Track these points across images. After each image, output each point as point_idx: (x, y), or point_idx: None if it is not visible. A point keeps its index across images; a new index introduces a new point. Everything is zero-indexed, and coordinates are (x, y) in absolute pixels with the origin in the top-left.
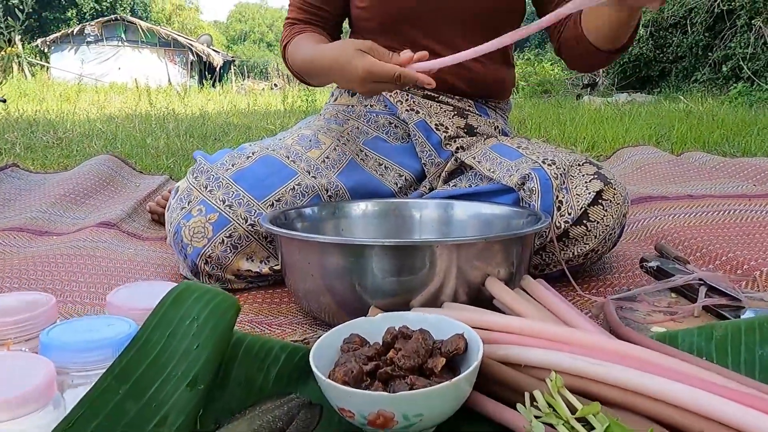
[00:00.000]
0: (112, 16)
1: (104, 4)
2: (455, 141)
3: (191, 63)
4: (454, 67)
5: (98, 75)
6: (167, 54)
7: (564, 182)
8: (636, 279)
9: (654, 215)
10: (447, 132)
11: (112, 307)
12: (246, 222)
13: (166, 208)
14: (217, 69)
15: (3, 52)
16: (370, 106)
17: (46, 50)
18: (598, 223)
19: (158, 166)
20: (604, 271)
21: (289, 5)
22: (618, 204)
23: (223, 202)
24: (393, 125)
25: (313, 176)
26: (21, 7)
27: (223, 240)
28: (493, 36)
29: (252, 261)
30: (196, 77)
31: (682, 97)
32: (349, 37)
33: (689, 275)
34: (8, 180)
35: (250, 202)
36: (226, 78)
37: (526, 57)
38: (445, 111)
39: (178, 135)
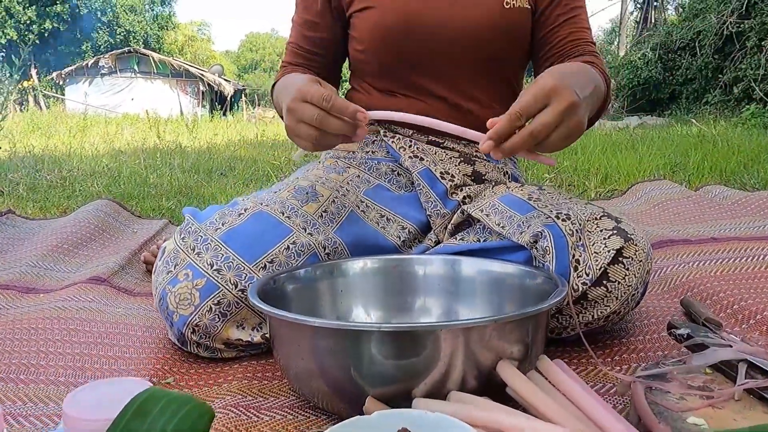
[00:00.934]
0: (126, 49)
1: (118, 37)
2: (462, 190)
3: (202, 93)
4: (457, 112)
5: (112, 106)
6: (179, 84)
7: (580, 239)
8: (663, 343)
9: (677, 262)
10: (453, 180)
11: (68, 419)
12: (236, 287)
13: (153, 270)
14: (228, 98)
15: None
16: (372, 152)
17: (61, 83)
18: (619, 283)
19: (159, 207)
20: (627, 333)
21: (286, 49)
22: (640, 261)
23: (212, 266)
24: (396, 173)
25: (309, 233)
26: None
27: (210, 307)
28: (497, 80)
29: (243, 329)
30: (207, 106)
31: (694, 120)
32: (349, 80)
33: (725, 349)
34: (3, 228)
35: (241, 265)
36: (236, 107)
37: None
38: (450, 157)
39: (184, 171)
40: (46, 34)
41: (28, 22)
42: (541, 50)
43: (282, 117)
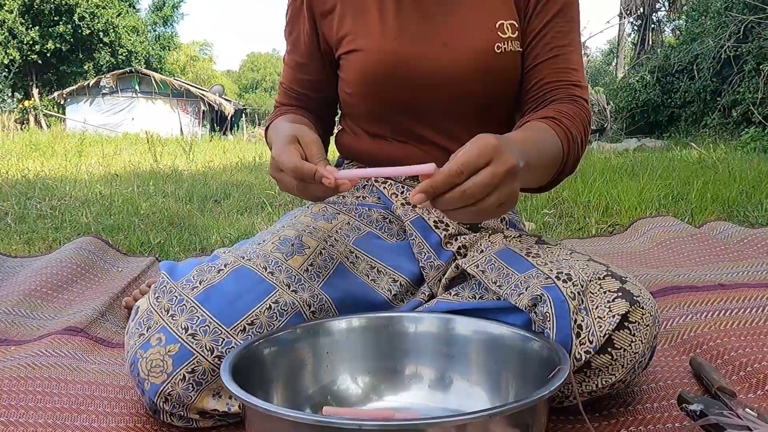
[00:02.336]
0: (127, 69)
1: (120, 57)
2: (457, 239)
3: (203, 112)
4: (449, 156)
5: (112, 125)
6: (180, 104)
7: (582, 302)
8: (673, 413)
9: (684, 312)
10: (447, 230)
11: None
12: (212, 354)
13: (125, 331)
14: (229, 117)
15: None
16: (362, 198)
17: (62, 102)
18: (624, 350)
19: (148, 241)
20: (634, 399)
21: (279, 88)
22: (647, 326)
23: (186, 330)
24: (387, 220)
25: (293, 290)
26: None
27: (184, 376)
28: (492, 125)
29: (219, 398)
30: (208, 126)
31: (693, 144)
32: (340, 123)
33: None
34: None
35: (218, 328)
36: (237, 126)
37: None
38: None
39: (177, 198)
40: (48, 55)
41: (31, 42)
42: (523, 89)
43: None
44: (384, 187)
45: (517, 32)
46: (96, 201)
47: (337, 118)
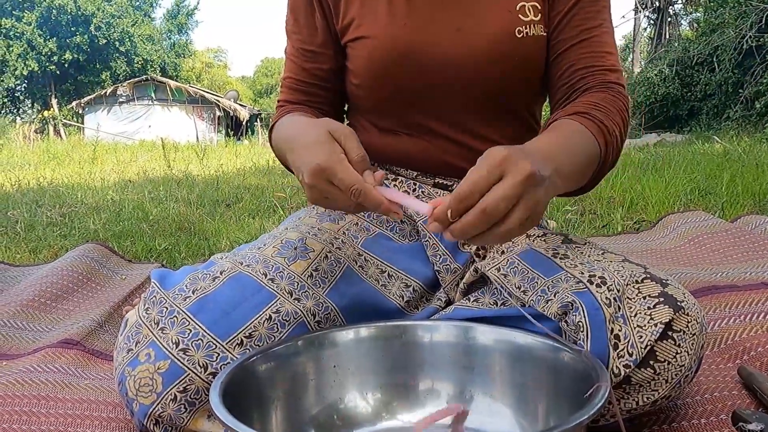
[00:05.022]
0: (143, 77)
1: (136, 66)
2: None
3: (218, 118)
4: (463, 151)
5: (130, 133)
6: (195, 110)
7: (619, 309)
8: (724, 430)
9: (726, 314)
10: None
11: None
12: (205, 371)
13: (115, 346)
14: (244, 123)
15: (40, 115)
16: None
17: (80, 111)
18: (669, 363)
19: (155, 247)
20: (678, 414)
21: (281, 86)
22: (694, 335)
23: (177, 345)
24: (399, 220)
25: (296, 298)
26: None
27: (175, 396)
28: (509, 117)
29: (214, 420)
30: (223, 132)
31: (716, 138)
32: (347, 116)
33: None
34: None
35: (212, 342)
36: (252, 131)
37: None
38: None
39: (188, 203)
40: (66, 65)
41: (49, 53)
42: (553, 77)
43: (285, 165)
44: (395, 185)
45: (540, 15)
46: (106, 207)
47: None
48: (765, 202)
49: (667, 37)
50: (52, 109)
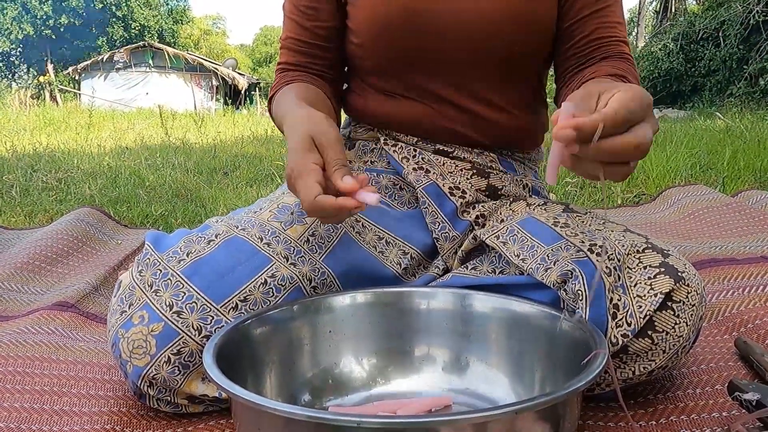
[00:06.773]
0: (140, 43)
1: (133, 31)
2: (474, 208)
3: (216, 87)
4: (467, 117)
5: (127, 100)
6: (193, 78)
7: (619, 278)
8: (719, 400)
9: (725, 287)
10: (464, 197)
11: None
12: (199, 334)
13: (108, 308)
14: (242, 92)
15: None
16: (371, 162)
17: (77, 77)
18: (667, 333)
19: (152, 212)
20: (674, 384)
21: (280, 48)
22: (693, 306)
23: (171, 308)
24: (398, 187)
25: (292, 263)
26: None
27: (169, 358)
28: (515, 81)
29: (209, 383)
30: (221, 100)
31: (719, 114)
32: (348, 80)
33: None
34: None
35: (206, 305)
36: (251, 100)
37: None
38: (461, 169)
39: (186, 170)
40: (61, 29)
41: (44, 17)
42: (563, 45)
43: (283, 133)
44: (394, 150)
45: None
46: (102, 173)
47: None
48: (766, 178)
49: (673, 11)
50: (48, 74)
